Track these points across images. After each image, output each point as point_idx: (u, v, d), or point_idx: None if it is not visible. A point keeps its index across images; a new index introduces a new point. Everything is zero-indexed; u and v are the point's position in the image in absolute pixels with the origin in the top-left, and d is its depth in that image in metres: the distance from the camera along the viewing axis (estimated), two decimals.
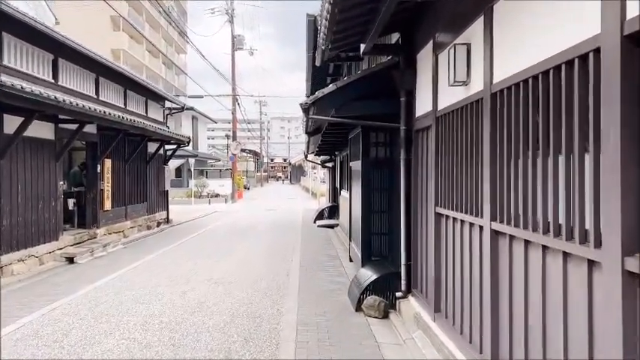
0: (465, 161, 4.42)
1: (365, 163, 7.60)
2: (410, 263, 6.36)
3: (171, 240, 14.16)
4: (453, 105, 4.69)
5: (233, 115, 35.12)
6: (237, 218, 21.40)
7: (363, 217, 7.63)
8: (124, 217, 14.76)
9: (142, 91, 16.23)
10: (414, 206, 6.28)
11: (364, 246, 7.63)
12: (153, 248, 12.54)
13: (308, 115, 6.40)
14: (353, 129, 8.84)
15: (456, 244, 4.74)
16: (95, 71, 12.92)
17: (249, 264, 10.06)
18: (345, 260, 10.08)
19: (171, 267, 9.85)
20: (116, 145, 13.98)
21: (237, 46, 36.09)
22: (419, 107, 6.11)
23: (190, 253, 11.58)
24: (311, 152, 20.21)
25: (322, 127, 10.01)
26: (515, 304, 3.43)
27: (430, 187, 5.58)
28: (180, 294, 7.52)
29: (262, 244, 13.12)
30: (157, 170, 17.89)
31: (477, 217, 4.10)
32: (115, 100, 14.21)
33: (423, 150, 5.98)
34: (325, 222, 18.16)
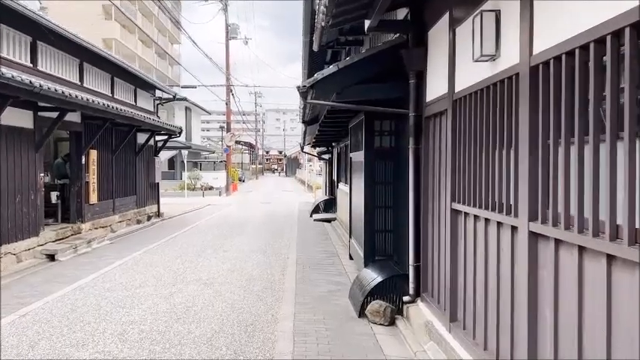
0: (492, 150, 3.77)
1: (368, 153, 6.95)
2: (419, 264, 5.73)
3: (162, 235, 13.49)
4: (475, 85, 4.04)
5: (227, 105, 34.33)
6: (231, 211, 20.74)
7: (366, 213, 6.99)
8: (112, 210, 14.07)
9: (130, 79, 15.49)
10: (424, 202, 5.65)
11: (367, 244, 7.00)
12: (141, 244, 11.87)
13: (306, 99, 5.75)
14: (354, 117, 8.18)
15: (478, 247, 4.10)
16: (79, 57, 12.18)
17: (242, 262, 9.42)
18: (345, 257, 9.46)
19: (158, 265, 9.20)
20: (102, 136, 13.26)
21: (231, 35, 35.20)
22: (430, 91, 5.46)
23: (180, 250, 10.92)
24: (307, 143, 19.55)
25: (320, 115, 9.34)
26: (562, 324, 2.80)
27: (445, 180, 4.94)
28: (165, 296, 6.87)
29: (256, 239, 12.47)
30: (147, 162, 17.19)
31: (508, 215, 3.46)
32: (101, 87, 13.48)
33: (436, 138, 5.33)
34: (322, 216, 17.53)
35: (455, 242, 4.66)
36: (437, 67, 5.21)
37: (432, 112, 5.37)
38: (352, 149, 8.62)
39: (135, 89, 16.08)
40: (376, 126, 6.96)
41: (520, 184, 3.23)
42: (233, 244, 11.62)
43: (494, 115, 3.73)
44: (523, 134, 3.18)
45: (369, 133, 6.94)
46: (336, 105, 5.87)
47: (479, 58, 3.72)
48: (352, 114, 7.99)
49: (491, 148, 3.79)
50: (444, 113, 4.99)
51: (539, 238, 3.07)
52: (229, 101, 34.46)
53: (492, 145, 3.76)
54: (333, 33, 9.95)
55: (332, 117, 8.38)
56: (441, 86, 4.98)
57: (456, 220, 4.63)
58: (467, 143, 4.33)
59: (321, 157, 22.76)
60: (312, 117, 10.08)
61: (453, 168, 4.63)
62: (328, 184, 21.76)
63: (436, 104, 5.19)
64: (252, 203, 25.40)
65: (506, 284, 3.49)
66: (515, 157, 3.34)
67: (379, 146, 6.97)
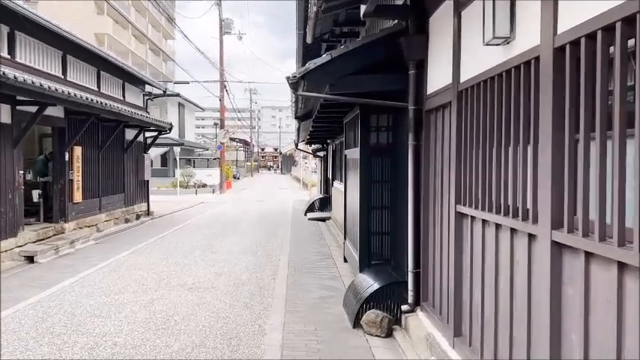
0: (505, 147, 3.31)
1: (364, 150, 6.49)
2: (419, 271, 5.28)
3: (150, 235, 13.00)
4: (484, 73, 3.58)
5: (221, 102, 33.79)
6: (224, 210, 20.25)
7: (362, 214, 6.53)
8: (98, 209, 13.56)
9: (118, 73, 14.95)
10: (425, 203, 5.19)
11: (363, 247, 6.55)
12: (127, 244, 11.38)
13: (297, 91, 5.28)
14: (349, 112, 7.72)
15: (487, 255, 3.65)
16: (62, 49, 11.65)
17: (231, 264, 8.94)
18: (339, 260, 9.00)
19: (142, 267, 8.71)
20: (88, 131, 12.76)
21: (225, 30, 34.66)
22: (431, 82, 5.00)
23: (167, 251, 10.44)
24: (301, 140, 19.07)
25: (314, 110, 8.87)
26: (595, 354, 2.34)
27: (448, 179, 4.49)
28: (145, 304, 6.40)
29: (248, 239, 12.00)
30: (136, 159, 16.68)
31: (524, 221, 3.01)
32: (86, 81, 12.94)
33: (438, 134, 4.87)
34: (316, 215, 17.07)
35: (460, 249, 4.20)
36: (439, 55, 4.75)
37: (433, 105, 4.92)
38: (347, 146, 8.16)
39: (123, 84, 15.54)
40: (372, 121, 6.49)
41: (540, 186, 2.78)
42: (223, 245, 11.14)
43: (507, 107, 3.28)
44: (545, 128, 2.72)
45: (364, 129, 6.47)
46: (330, 97, 5.41)
47: (490, 42, 3.26)
48: (347, 108, 7.52)
49: (503, 145, 3.33)
50: (448, 106, 4.53)
51: (564, 250, 2.61)
52: (223, 97, 33.94)
53: (505, 140, 3.30)
54: (327, 23, 9.47)
55: (326, 112, 7.92)
56: (445, 76, 4.52)
57: (461, 224, 4.17)
58: (474, 139, 3.87)
59: (316, 154, 22.29)
60: (306, 112, 9.61)
61: (458, 167, 4.17)
62: (323, 182, 21.30)
63: (438, 96, 4.73)
64: (246, 201, 24.91)
65: (522, 301, 3.04)
66: (534, 154, 2.89)
67: (376, 142, 6.51)
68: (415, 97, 5.21)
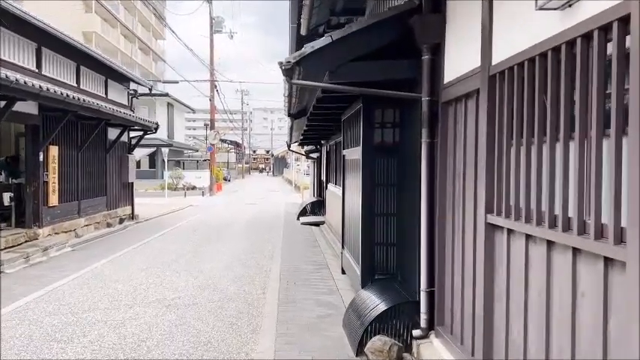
0: (563, 141, 2.55)
1: (367, 150, 5.71)
2: (433, 290, 4.52)
3: (132, 241, 12.14)
4: (530, 50, 2.83)
5: (211, 102, 32.93)
6: (213, 213, 19.41)
7: (364, 222, 5.76)
8: (77, 213, 12.68)
9: (100, 69, 14.08)
10: (441, 210, 4.43)
11: (365, 260, 5.77)
12: (107, 251, 10.54)
13: (291, 79, 4.51)
14: (348, 107, 6.95)
15: (532, 278, 2.89)
16: (36, 40, 10.79)
17: (217, 275, 8.14)
18: (336, 270, 8.22)
19: (119, 279, 7.89)
20: (65, 130, 11.91)
21: (215, 29, 33.81)
22: (450, 69, 4.25)
23: (149, 259, 9.60)
24: (294, 141, 18.29)
25: (309, 106, 8.10)
26: None
27: (474, 183, 3.73)
28: (116, 325, 5.58)
29: (236, 247, 11.19)
30: (120, 160, 15.80)
31: (597, 240, 2.25)
32: (63, 76, 12.07)
33: (459, 129, 4.12)
34: (310, 219, 16.28)
35: (491, 268, 3.44)
36: (461, 36, 4.00)
37: (452, 95, 4.16)
38: (346, 146, 7.39)
39: (106, 81, 14.67)
40: (376, 116, 5.72)
41: (631, 195, 2.02)
42: (210, 253, 10.32)
43: (568, 90, 2.52)
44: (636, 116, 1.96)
45: (368, 125, 5.70)
46: (329, 87, 4.63)
47: (546, 5, 2.50)
48: (346, 103, 6.75)
49: (562, 139, 2.57)
50: (473, 95, 3.78)
51: None
52: (213, 97, 33.08)
53: (565, 133, 2.54)
54: (323, 13, 8.73)
55: (322, 108, 7.14)
56: (469, 60, 3.77)
57: (494, 238, 3.41)
58: (515, 133, 3.11)
59: (309, 155, 21.53)
60: (300, 109, 8.83)
61: (490, 168, 3.41)
62: (316, 184, 20.52)
63: (460, 84, 3.98)
64: (237, 204, 24.07)
65: (591, 346, 2.28)
66: (617, 151, 2.13)
67: (380, 141, 5.73)
68: (430, 86, 4.46)
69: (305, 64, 4.54)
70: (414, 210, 5.03)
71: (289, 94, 6.75)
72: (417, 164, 4.94)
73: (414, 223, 5.02)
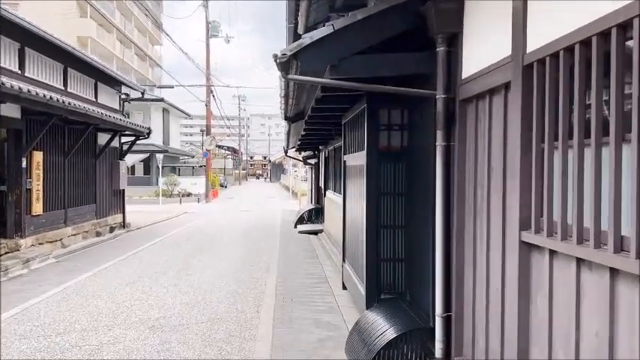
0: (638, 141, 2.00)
1: (372, 155, 5.14)
2: (450, 315, 3.95)
3: (120, 251, 11.54)
4: (583, 30, 2.27)
5: (207, 107, 32.37)
6: (208, 221, 18.81)
7: (369, 235, 5.18)
8: (64, 222, 12.07)
9: (89, 71, 13.52)
10: (459, 223, 3.87)
11: (370, 277, 5.19)
12: (92, 263, 9.93)
13: (287, 73, 3.96)
14: (350, 109, 6.40)
15: (583, 312, 2.32)
16: (19, 40, 10.23)
17: (207, 291, 7.54)
18: (337, 284, 7.64)
19: (102, 295, 7.29)
20: (51, 135, 11.34)
21: (212, 33, 33.32)
22: (470, 61, 3.71)
23: (136, 272, 9.00)
24: (292, 147, 17.77)
25: (307, 108, 7.55)
26: None
27: (502, 194, 3.17)
28: (91, 351, 4.98)
29: (230, 257, 10.59)
30: (110, 166, 15.21)
31: None
32: (49, 78, 11.51)
33: (481, 129, 3.57)
34: (307, 227, 15.70)
35: (526, 296, 2.87)
36: (484, 22, 3.45)
37: (473, 91, 3.61)
38: (347, 150, 6.82)
39: (95, 84, 14.11)
40: (382, 117, 5.16)
41: None
42: (202, 264, 9.73)
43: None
44: None
45: (373, 128, 5.13)
46: (331, 83, 4.07)
47: None
48: (348, 104, 6.20)
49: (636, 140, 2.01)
50: (500, 90, 3.23)
51: None
52: (209, 102, 32.53)
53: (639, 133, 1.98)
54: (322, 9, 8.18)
55: (321, 110, 6.59)
56: (495, 49, 3.22)
57: (530, 260, 2.84)
58: (558, 133, 2.55)
59: (307, 161, 20.96)
60: (297, 111, 8.29)
61: (526, 176, 2.85)
62: (314, 191, 19.96)
63: (483, 79, 3.42)
64: (232, 211, 23.47)
65: None
66: None
67: (386, 145, 5.17)
68: (445, 82, 3.90)
69: (303, 57, 3.99)
70: (426, 222, 4.47)
71: (286, 94, 6.20)
72: (428, 171, 4.39)
73: (426, 237, 4.47)
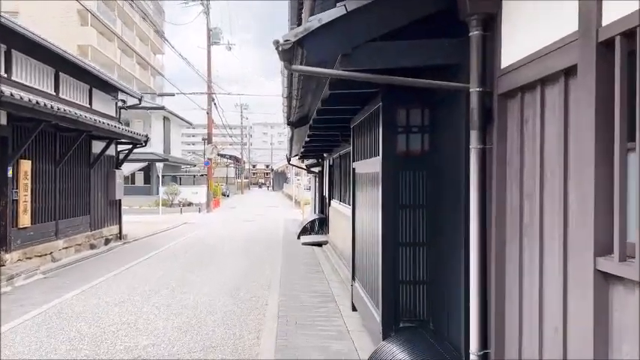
0: None
1: (388, 161, 4.48)
2: (487, 352, 3.27)
3: (114, 265, 10.88)
4: None
5: (208, 115, 31.82)
6: (208, 232, 18.15)
7: (385, 253, 4.51)
8: (54, 235, 11.43)
9: (83, 77, 12.93)
10: (499, 243, 3.21)
11: (386, 302, 4.51)
12: (82, 279, 9.28)
13: (291, 63, 3.32)
14: (361, 110, 5.74)
15: None
16: (5, 42, 9.64)
17: (202, 312, 6.87)
18: (345, 304, 6.97)
19: (87, 317, 6.63)
20: (40, 142, 10.74)
21: (213, 40, 32.86)
22: (511, 47, 3.06)
23: (128, 289, 8.34)
24: (295, 155, 17.11)
25: (311, 112, 6.91)
26: None
27: (562, 208, 2.51)
28: None
29: (230, 272, 9.92)
30: (106, 175, 14.59)
31: None
32: (39, 83, 10.91)
33: (530, 129, 2.91)
34: (311, 239, 15.02)
35: (604, 341, 2.20)
36: None
37: (517, 82, 2.96)
38: (357, 157, 6.17)
39: (90, 89, 13.52)
40: (400, 118, 4.50)
41: None
42: (198, 281, 9.05)
43: None
44: None
45: (389, 130, 4.48)
46: (344, 75, 3.43)
47: None
48: (358, 105, 5.55)
49: None
50: (557, 79, 2.58)
51: None
52: (211, 110, 31.98)
53: None
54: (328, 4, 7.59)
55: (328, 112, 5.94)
56: (549, 27, 2.57)
57: (610, 294, 2.18)
58: None
59: (310, 169, 20.32)
60: (301, 115, 7.65)
61: (604, 186, 2.18)
62: (318, 200, 19.29)
63: (532, 66, 2.77)
64: (234, 222, 22.80)
65: None
66: None
67: (405, 150, 4.50)
68: (480, 73, 3.26)
69: (310, 43, 3.35)
70: (454, 240, 3.81)
71: (288, 94, 5.56)
72: (455, 179, 3.74)
73: (454, 258, 3.80)
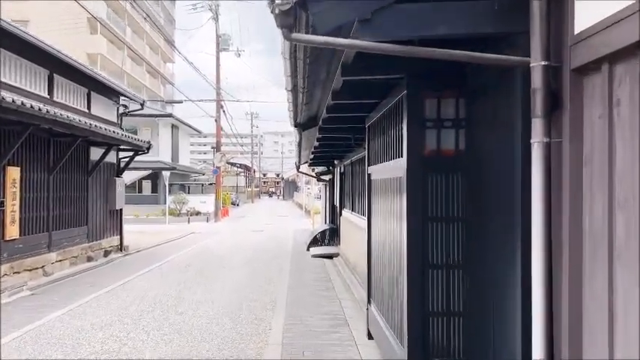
0: None
1: (413, 162, 3.63)
2: None
3: (110, 280, 10.12)
4: None
5: (216, 122, 31.20)
6: (214, 243, 17.38)
7: (410, 276, 3.65)
8: (47, 247, 10.69)
9: (80, 79, 12.26)
10: (574, 268, 2.35)
11: (413, 335, 3.64)
12: (72, 296, 8.53)
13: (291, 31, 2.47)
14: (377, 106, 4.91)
15: None
16: None
17: (196, 341, 6.04)
18: (359, 329, 6.10)
19: (66, 343, 5.84)
20: (30, 148, 10.05)
21: (222, 47, 32.33)
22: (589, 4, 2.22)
23: (119, 309, 7.54)
24: (304, 162, 16.32)
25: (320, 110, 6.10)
26: None
27: None
28: None
29: (232, 289, 9.10)
30: (106, 183, 13.88)
31: None
32: (29, 84, 10.23)
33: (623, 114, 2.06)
34: (322, 250, 14.16)
35: None
36: None
37: (602, 51, 2.11)
38: (374, 160, 5.33)
39: (88, 93, 12.85)
40: (429, 110, 3.64)
41: None
42: (196, 299, 8.23)
43: None
44: None
45: (415, 124, 3.63)
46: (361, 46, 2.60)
47: None
48: (375, 98, 4.72)
49: None
50: None
51: None
52: (219, 118, 31.35)
53: None
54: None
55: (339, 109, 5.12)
56: None
57: None
58: None
59: (321, 177, 19.52)
60: (309, 115, 6.84)
61: None
62: (329, 209, 18.45)
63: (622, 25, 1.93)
64: (242, 232, 22.01)
65: None
66: None
67: (435, 149, 3.64)
68: (544, 42, 2.42)
69: (317, 5, 2.54)
70: (502, 262, 2.95)
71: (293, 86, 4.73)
72: (504, 184, 2.89)
73: (501, 284, 2.95)
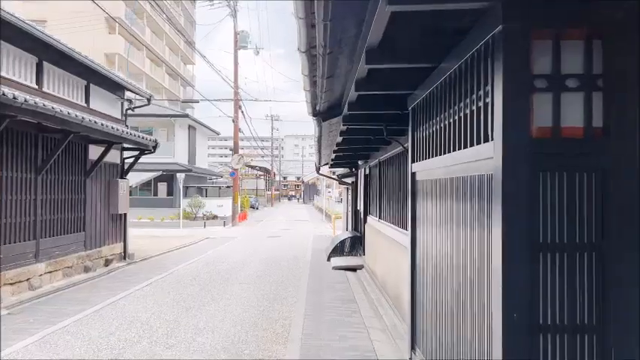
0: None
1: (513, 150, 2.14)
2: None
3: (101, 296, 8.81)
4: None
5: (234, 123, 29.95)
6: (228, 250, 16.03)
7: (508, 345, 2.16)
8: (33, 257, 9.43)
9: (76, 70, 11.03)
10: None
11: None
12: (52, 317, 7.22)
13: None
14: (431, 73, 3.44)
15: None
16: None
17: None
18: None
19: None
20: (12, 144, 8.80)
21: (240, 45, 31.11)
22: None
23: (97, 337, 6.19)
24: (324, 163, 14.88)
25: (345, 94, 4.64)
26: None
27: None
28: None
29: (238, 312, 7.68)
30: (107, 185, 12.63)
31: None
32: (12, 72, 9.00)
33: None
34: (344, 262, 12.67)
35: None
36: None
37: None
38: (419, 155, 3.83)
39: (87, 85, 11.62)
40: (538, 58, 2.16)
41: None
42: (194, 325, 6.84)
43: None
44: None
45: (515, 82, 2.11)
46: None
47: None
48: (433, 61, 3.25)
49: None
50: None
51: None
52: (237, 118, 30.12)
53: None
54: None
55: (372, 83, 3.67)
56: None
57: None
58: None
59: (342, 180, 18.05)
60: (331, 101, 5.36)
61: None
62: (351, 215, 16.97)
63: None
64: (258, 237, 20.65)
65: None
66: None
67: (551, 127, 2.16)
68: None
69: None
70: None
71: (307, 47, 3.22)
72: None
73: None
